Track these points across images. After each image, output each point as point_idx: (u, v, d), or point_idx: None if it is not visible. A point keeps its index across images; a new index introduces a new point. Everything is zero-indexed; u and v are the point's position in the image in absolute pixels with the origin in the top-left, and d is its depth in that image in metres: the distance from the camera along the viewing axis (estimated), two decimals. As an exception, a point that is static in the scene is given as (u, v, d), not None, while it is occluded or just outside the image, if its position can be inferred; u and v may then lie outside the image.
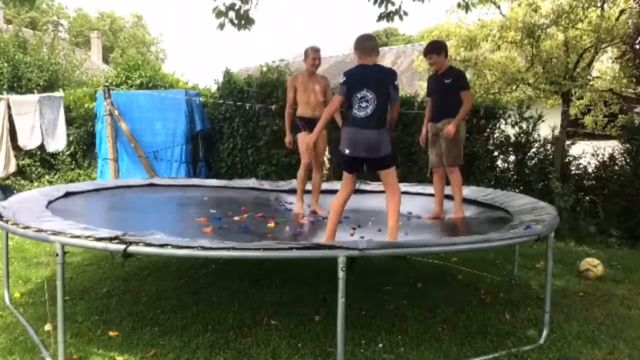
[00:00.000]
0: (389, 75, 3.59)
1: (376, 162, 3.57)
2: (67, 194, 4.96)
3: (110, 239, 2.79)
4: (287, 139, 5.12)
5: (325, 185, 5.39)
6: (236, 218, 4.48)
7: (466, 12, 5.96)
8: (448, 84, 4.54)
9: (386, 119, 3.55)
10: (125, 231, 2.87)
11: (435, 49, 4.59)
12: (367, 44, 3.65)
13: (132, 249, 2.72)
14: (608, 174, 6.91)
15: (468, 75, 8.52)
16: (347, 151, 3.52)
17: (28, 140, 9.60)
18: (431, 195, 4.93)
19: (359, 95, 3.49)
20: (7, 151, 9.44)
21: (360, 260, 4.21)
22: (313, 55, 5.00)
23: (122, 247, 2.73)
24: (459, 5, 5.87)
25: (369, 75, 3.54)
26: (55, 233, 2.92)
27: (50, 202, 4.37)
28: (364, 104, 3.48)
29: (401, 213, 3.78)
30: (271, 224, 4.23)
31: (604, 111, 8.46)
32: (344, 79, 3.54)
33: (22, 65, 10.77)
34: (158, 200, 5.55)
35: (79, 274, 4.78)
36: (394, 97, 3.54)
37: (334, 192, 4.13)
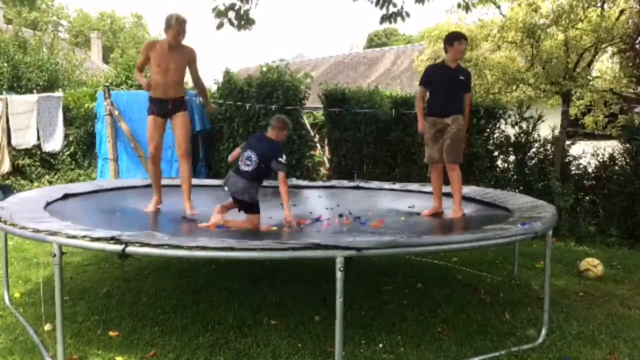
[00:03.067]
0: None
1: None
2: (66, 196, 4.95)
3: (108, 240, 2.78)
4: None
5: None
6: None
7: (466, 12, 5.94)
8: (463, 81, 4.44)
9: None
10: (123, 232, 2.86)
11: (466, 39, 4.56)
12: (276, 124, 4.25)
13: (130, 249, 2.72)
14: (608, 174, 6.91)
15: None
16: (225, 189, 4.20)
17: (21, 138, 9.60)
18: (430, 193, 4.93)
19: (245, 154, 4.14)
20: (2, 150, 9.44)
21: (360, 259, 4.21)
22: (177, 27, 4.29)
23: (119, 247, 2.72)
24: (459, 5, 5.87)
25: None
26: (52, 233, 2.92)
27: (48, 203, 4.36)
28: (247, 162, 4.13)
29: (400, 209, 3.78)
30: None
31: (604, 111, 8.46)
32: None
33: (22, 65, 10.79)
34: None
35: (78, 274, 4.78)
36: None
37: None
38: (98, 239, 2.82)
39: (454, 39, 4.54)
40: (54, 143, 9.77)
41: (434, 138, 4.55)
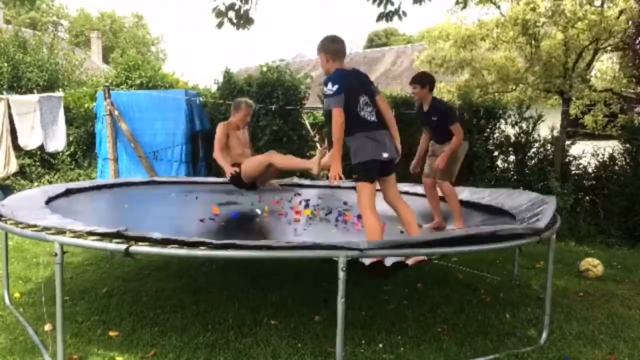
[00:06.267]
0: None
1: (392, 163, 3.52)
2: (68, 192, 4.97)
3: (110, 238, 2.78)
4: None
5: None
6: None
7: (462, 8, 5.96)
8: (436, 121, 4.55)
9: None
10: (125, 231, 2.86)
11: (421, 81, 4.53)
12: (339, 47, 3.47)
13: (133, 248, 2.72)
14: (608, 174, 6.91)
15: (466, 74, 8.55)
16: (384, 155, 3.38)
17: (28, 140, 9.63)
18: (422, 195, 4.99)
19: (361, 100, 3.36)
20: (7, 151, 9.46)
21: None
22: (246, 110, 5.09)
23: (121, 246, 2.72)
24: (457, 2, 5.88)
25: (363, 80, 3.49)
26: (53, 233, 2.91)
27: (49, 201, 4.37)
28: (369, 109, 3.41)
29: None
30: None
31: (604, 111, 8.46)
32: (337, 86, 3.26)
33: (22, 65, 10.79)
34: (158, 197, 5.55)
35: (79, 274, 4.78)
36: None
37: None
38: (102, 236, 2.81)
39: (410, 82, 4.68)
40: (57, 143, 9.78)
41: (430, 157, 4.78)
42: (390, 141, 3.46)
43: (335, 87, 3.24)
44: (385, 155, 3.38)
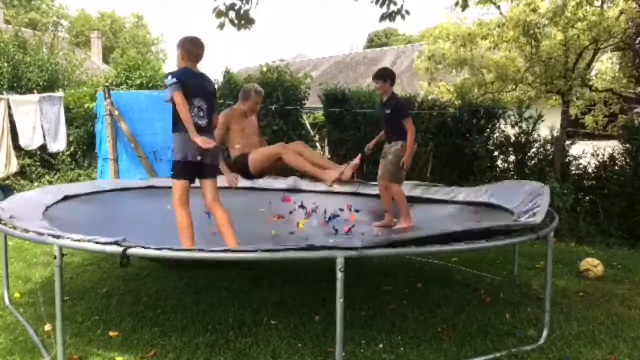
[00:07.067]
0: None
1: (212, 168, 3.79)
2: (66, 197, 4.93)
3: (109, 243, 2.78)
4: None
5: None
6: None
7: (463, 10, 5.95)
8: (388, 114, 4.72)
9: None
10: (124, 235, 2.85)
11: (383, 75, 4.73)
12: (197, 51, 3.72)
13: (131, 251, 2.71)
14: (608, 174, 6.91)
15: (465, 74, 8.56)
16: (198, 158, 3.61)
17: (30, 140, 9.63)
18: (429, 201, 5.12)
19: (195, 102, 3.60)
20: (8, 151, 9.45)
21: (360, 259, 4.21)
22: (256, 98, 4.75)
23: (119, 249, 2.72)
24: (456, 3, 5.87)
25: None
26: (53, 236, 2.91)
27: (48, 207, 4.34)
28: (200, 114, 3.66)
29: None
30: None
31: (604, 111, 8.46)
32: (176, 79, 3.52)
33: (22, 65, 10.78)
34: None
35: (78, 274, 4.78)
36: None
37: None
38: (99, 242, 2.81)
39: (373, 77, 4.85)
40: (59, 143, 9.79)
41: (382, 158, 4.92)
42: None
43: (174, 79, 3.52)
44: (198, 158, 3.63)
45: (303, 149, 4.61)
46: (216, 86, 8.78)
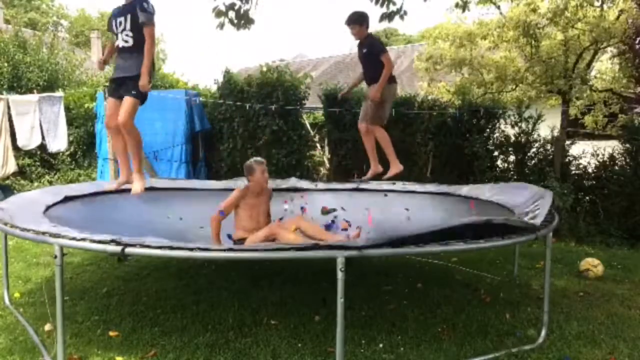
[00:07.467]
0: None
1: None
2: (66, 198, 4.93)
3: (108, 241, 2.78)
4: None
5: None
6: None
7: (463, 11, 5.96)
8: (365, 54, 4.76)
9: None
10: (123, 234, 2.86)
11: (359, 20, 4.75)
12: None
13: (130, 250, 2.71)
14: (608, 174, 6.91)
15: (465, 74, 8.55)
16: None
17: (27, 140, 9.62)
18: (428, 193, 5.01)
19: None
20: (6, 151, 9.45)
21: (359, 259, 4.21)
22: (260, 167, 4.47)
23: (119, 248, 2.72)
24: (456, 5, 5.87)
25: None
26: (53, 235, 2.91)
27: (49, 207, 4.34)
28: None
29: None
30: None
31: (604, 111, 8.46)
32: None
33: (22, 65, 10.78)
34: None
35: (78, 274, 4.78)
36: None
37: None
38: (99, 241, 2.81)
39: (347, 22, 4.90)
40: (59, 143, 9.79)
41: (364, 101, 5.05)
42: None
43: (151, 6, 3.88)
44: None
45: (298, 223, 4.37)
46: (216, 86, 8.85)
